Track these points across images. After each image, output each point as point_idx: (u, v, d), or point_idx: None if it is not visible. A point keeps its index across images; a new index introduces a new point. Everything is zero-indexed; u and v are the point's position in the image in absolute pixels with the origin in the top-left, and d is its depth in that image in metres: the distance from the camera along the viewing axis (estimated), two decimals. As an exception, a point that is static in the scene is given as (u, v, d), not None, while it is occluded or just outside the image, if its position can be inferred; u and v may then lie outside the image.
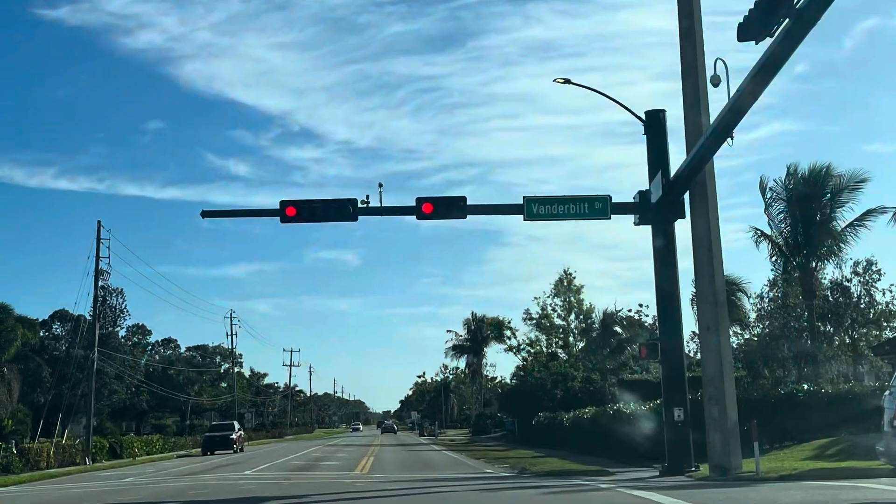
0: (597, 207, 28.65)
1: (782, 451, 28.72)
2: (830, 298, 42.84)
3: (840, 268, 42.09)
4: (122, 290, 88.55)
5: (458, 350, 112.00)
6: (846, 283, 42.85)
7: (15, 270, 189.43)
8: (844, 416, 28.58)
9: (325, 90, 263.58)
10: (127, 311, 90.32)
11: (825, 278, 42.89)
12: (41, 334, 76.24)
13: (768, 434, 29.44)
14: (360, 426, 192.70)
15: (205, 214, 31.64)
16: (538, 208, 28.76)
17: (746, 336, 38.43)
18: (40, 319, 77.29)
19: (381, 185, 29.10)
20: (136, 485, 30.66)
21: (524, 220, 28.91)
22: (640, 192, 28.56)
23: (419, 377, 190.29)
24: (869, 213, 39.86)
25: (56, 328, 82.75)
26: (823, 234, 38.74)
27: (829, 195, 39.27)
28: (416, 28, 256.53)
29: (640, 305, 62.63)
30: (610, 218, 29.07)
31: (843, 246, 39.87)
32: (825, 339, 37.69)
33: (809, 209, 39.07)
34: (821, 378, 36.04)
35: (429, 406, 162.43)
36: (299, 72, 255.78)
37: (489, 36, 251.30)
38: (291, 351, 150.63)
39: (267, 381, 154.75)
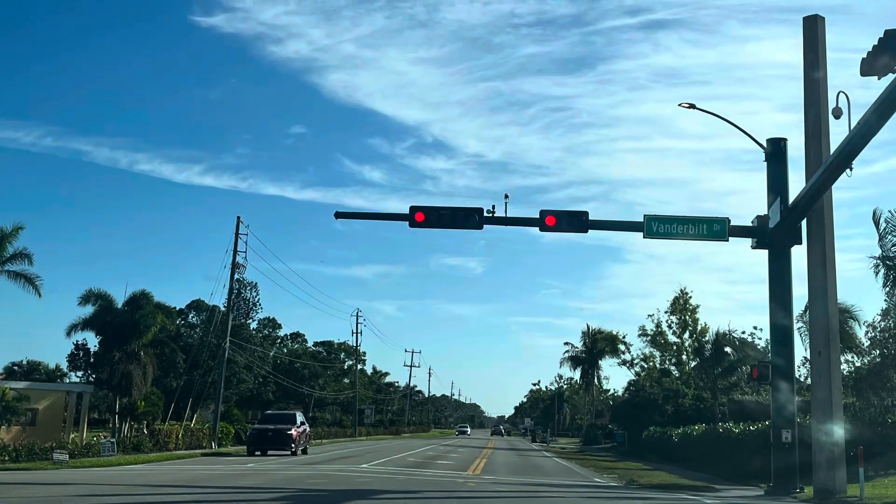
0: (715, 229, 28.97)
1: (887, 478, 28.68)
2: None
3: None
4: (256, 283, 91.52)
5: (573, 361, 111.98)
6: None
7: (158, 260, 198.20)
8: (955, 447, 28.40)
9: (459, 104, 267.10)
10: (259, 305, 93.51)
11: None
12: (178, 322, 79.30)
13: (875, 461, 29.48)
14: (468, 429, 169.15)
15: (338, 215, 32.44)
16: (658, 226, 29.13)
17: (857, 363, 37.93)
18: (178, 308, 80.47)
19: (506, 196, 29.79)
20: (257, 470, 32.24)
21: (643, 237, 29.15)
22: (759, 217, 28.95)
23: (534, 385, 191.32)
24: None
25: (192, 317, 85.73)
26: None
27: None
28: (548, 50, 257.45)
29: (754, 328, 62.53)
30: (728, 240, 29.34)
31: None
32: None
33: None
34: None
35: (542, 414, 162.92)
36: (436, 86, 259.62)
37: (619, 61, 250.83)
38: (412, 352, 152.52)
39: (388, 379, 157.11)
